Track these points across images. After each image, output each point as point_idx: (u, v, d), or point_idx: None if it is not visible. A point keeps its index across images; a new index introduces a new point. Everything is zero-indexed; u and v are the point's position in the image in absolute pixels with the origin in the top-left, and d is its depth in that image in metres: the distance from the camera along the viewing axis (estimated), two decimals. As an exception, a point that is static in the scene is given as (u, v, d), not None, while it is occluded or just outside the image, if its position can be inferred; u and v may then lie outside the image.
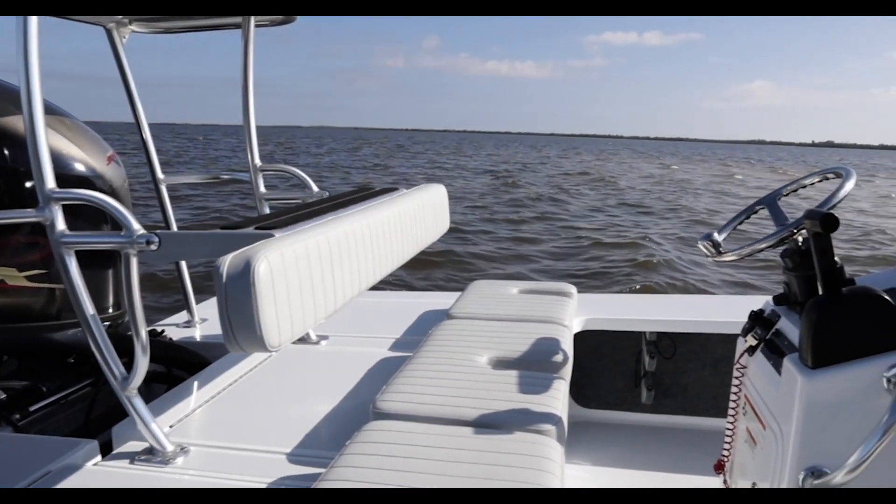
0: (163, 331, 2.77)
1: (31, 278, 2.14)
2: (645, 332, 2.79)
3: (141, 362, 1.67)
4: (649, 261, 9.68)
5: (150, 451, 1.74)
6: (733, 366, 1.67)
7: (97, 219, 2.22)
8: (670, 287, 8.39)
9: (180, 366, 2.54)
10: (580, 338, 2.79)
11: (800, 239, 1.47)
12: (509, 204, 17.19)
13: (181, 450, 1.76)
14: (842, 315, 1.24)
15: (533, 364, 2.07)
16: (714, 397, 2.77)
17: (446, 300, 2.92)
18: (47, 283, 2.16)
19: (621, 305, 2.98)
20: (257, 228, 1.70)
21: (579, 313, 2.75)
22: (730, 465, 1.72)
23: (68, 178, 2.14)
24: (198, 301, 3.00)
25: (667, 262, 9.62)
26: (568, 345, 2.24)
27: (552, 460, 1.48)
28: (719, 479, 1.77)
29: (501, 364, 2.10)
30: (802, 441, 1.25)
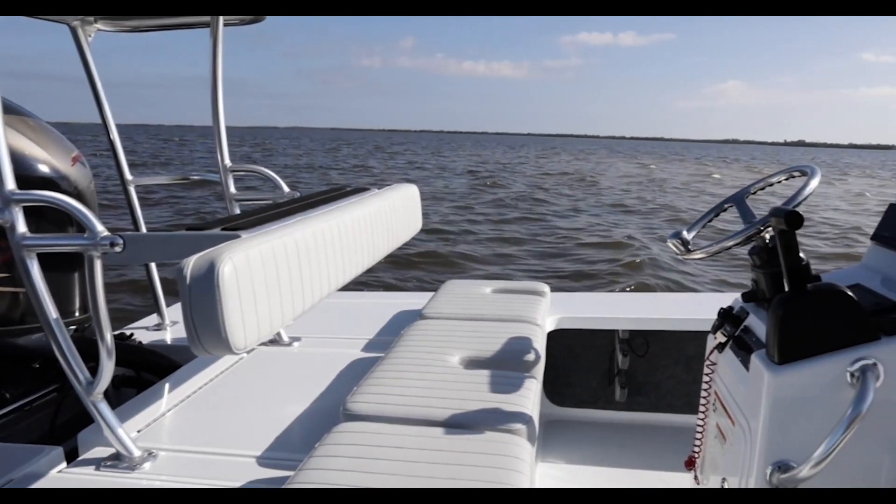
0: (131, 334, 2.73)
1: None
2: (618, 331, 2.80)
3: (106, 366, 1.64)
4: (633, 261, 9.69)
5: (117, 457, 1.71)
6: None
7: (62, 221, 2.17)
8: (659, 287, 8.41)
9: (150, 369, 2.50)
10: (553, 337, 2.78)
11: (767, 236, 1.48)
12: (492, 204, 17.18)
13: (149, 455, 1.74)
14: (807, 311, 1.25)
15: (505, 363, 2.06)
16: (687, 394, 2.79)
17: (420, 300, 2.92)
18: (10, 286, 2.12)
19: (594, 304, 2.99)
20: (224, 229, 1.68)
21: (552, 312, 2.76)
22: (701, 462, 1.73)
23: (30, 180, 2.09)
24: (169, 304, 2.95)
25: (652, 261, 9.64)
26: (540, 344, 2.23)
27: (522, 460, 1.47)
28: (690, 475, 1.78)
29: (473, 364, 2.09)
30: (769, 436, 1.25)
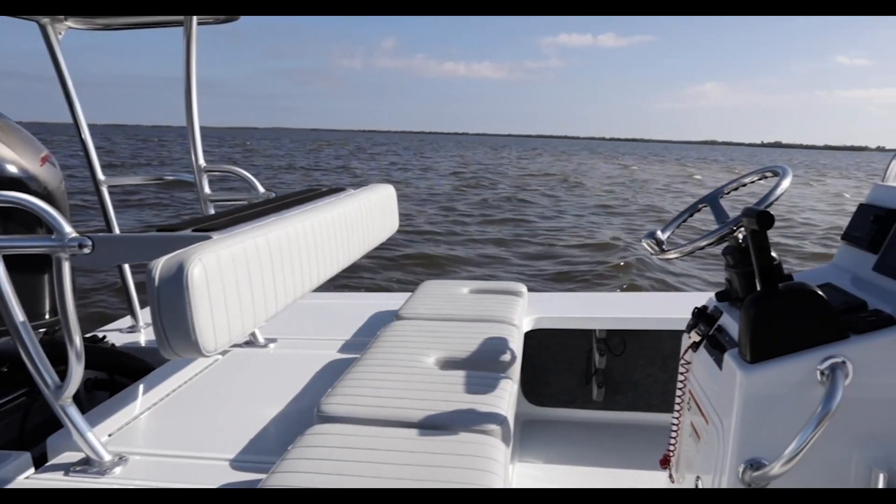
0: (104, 336, 2.69)
1: None
2: (595, 330, 2.80)
3: (75, 370, 1.61)
4: (619, 263, 9.68)
5: (87, 462, 1.67)
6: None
7: (30, 222, 2.13)
8: (648, 287, 8.43)
9: (123, 372, 2.46)
10: (531, 336, 2.78)
11: (740, 236, 1.48)
12: (477, 205, 17.17)
13: (119, 459, 1.70)
14: (778, 311, 1.26)
15: (480, 364, 2.05)
16: (663, 393, 2.80)
17: (397, 301, 2.90)
18: None
19: (571, 304, 2.99)
20: (195, 230, 1.66)
21: (530, 312, 2.75)
22: (676, 460, 1.73)
23: None
24: (143, 305, 2.91)
25: (639, 262, 9.63)
26: (516, 344, 2.22)
27: (495, 460, 1.47)
28: (665, 473, 1.78)
29: (449, 365, 2.08)
30: (742, 434, 1.26)
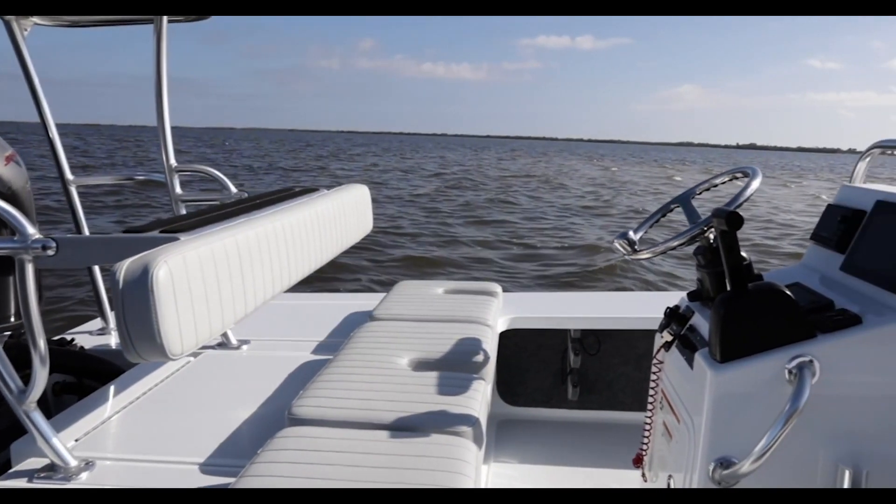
0: (72, 339, 2.63)
1: None
2: (570, 330, 2.80)
3: (39, 374, 1.57)
4: (610, 264, 9.56)
5: (52, 468, 1.63)
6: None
7: None
8: (641, 288, 8.39)
9: (92, 375, 2.41)
10: (506, 336, 2.78)
11: (711, 236, 1.49)
12: (462, 207, 17.09)
13: (86, 464, 1.67)
14: (747, 311, 1.27)
15: (454, 365, 2.04)
16: (637, 392, 2.81)
17: (372, 301, 2.88)
18: None
19: (546, 304, 2.98)
20: (162, 232, 1.63)
21: (504, 312, 2.75)
22: (648, 459, 1.74)
23: None
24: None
25: (627, 263, 9.45)
26: (490, 345, 2.22)
27: (466, 462, 1.46)
28: (638, 472, 1.79)
29: (422, 366, 2.06)
30: (712, 433, 1.27)
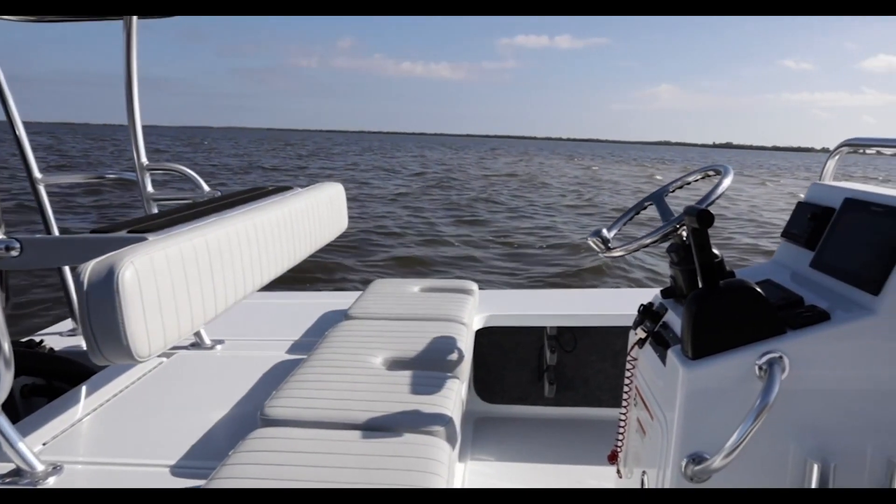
0: (41, 340, 2.60)
1: None
2: (546, 327, 2.82)
3: (4, 377, 1.55)
4: (597, 264, 9.53)
5: (17, 473, 1.61)
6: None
7: None
8: (637, 284, 8.32)
9: (62, 377, 2.38)
10: (483, 334, 2.80)
11: (684, 234, 1.49)
12: (447, 206, 16.99)
13: (53, 468, 1.64)
14: (718, 308, 1.28)
15: (429, 364, 2.03)
16: (613, 388, 2.83)
17: (348, 300, 2.85)
18: None
19: (522, 301, 2.98)
20: (130, 231, 1.60)
21: (481, 310, 2.75)
22: (623, 455, 1.74)
23: None
24: None
25: (615, 261, 9.44)
26: (466, 343, 2.22)
27: (439, 461, 1.46)
28: (613, 468, 1.80)
29: (397, 365, 2.05)
30: (684, 429, 1.28)
